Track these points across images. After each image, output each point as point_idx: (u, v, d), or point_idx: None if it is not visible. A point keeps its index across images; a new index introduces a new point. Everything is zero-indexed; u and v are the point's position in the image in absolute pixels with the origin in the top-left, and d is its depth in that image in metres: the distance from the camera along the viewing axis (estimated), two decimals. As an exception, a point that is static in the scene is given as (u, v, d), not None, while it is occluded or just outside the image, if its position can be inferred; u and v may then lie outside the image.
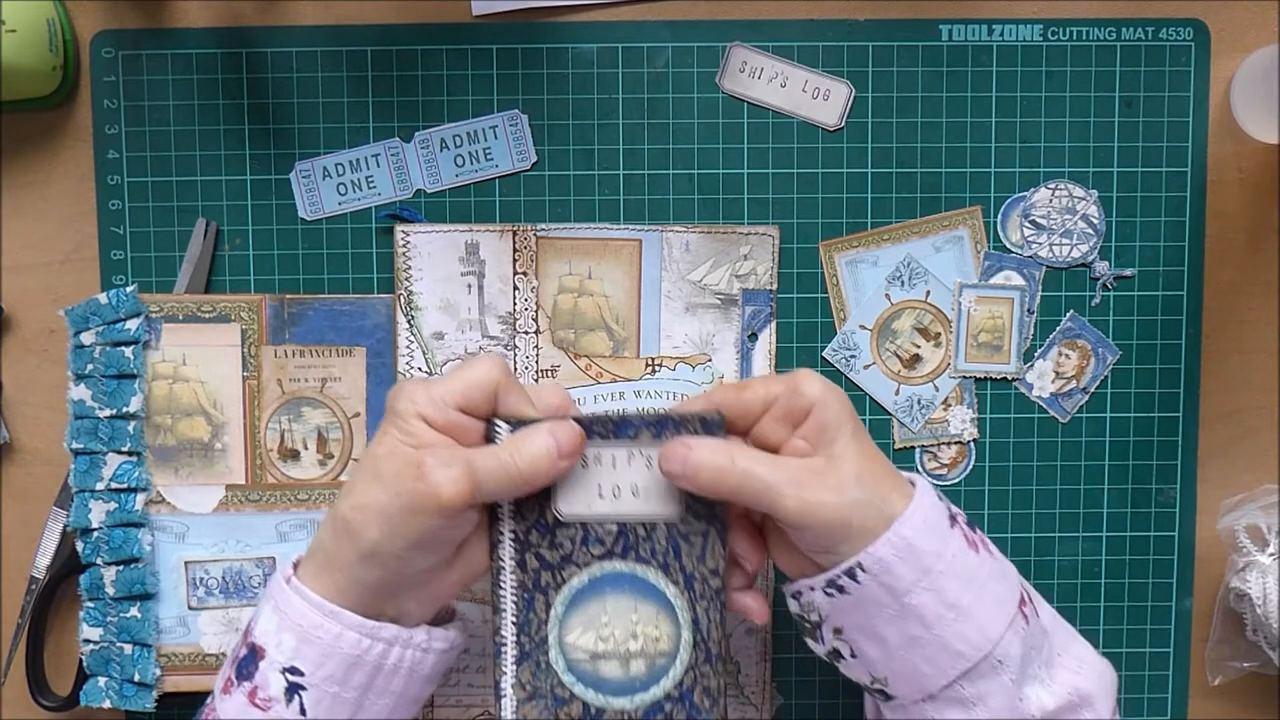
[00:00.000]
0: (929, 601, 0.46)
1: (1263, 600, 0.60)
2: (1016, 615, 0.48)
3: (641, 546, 0.50)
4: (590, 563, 0.50)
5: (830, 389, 0.49)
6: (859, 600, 0.47)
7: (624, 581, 0.50)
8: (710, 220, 0.62)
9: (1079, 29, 0.62)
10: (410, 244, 0.61)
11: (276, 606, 0.48)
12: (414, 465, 0.46)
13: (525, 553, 0.50)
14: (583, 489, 0.50)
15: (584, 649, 0.50)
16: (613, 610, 0.50)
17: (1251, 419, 0.64)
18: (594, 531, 0.50)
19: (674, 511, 0.50)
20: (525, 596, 0.50)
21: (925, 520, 0.47)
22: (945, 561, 0.46)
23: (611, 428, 0.50)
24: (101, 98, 0.61)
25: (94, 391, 0.60)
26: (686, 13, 0.62)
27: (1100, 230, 0.63)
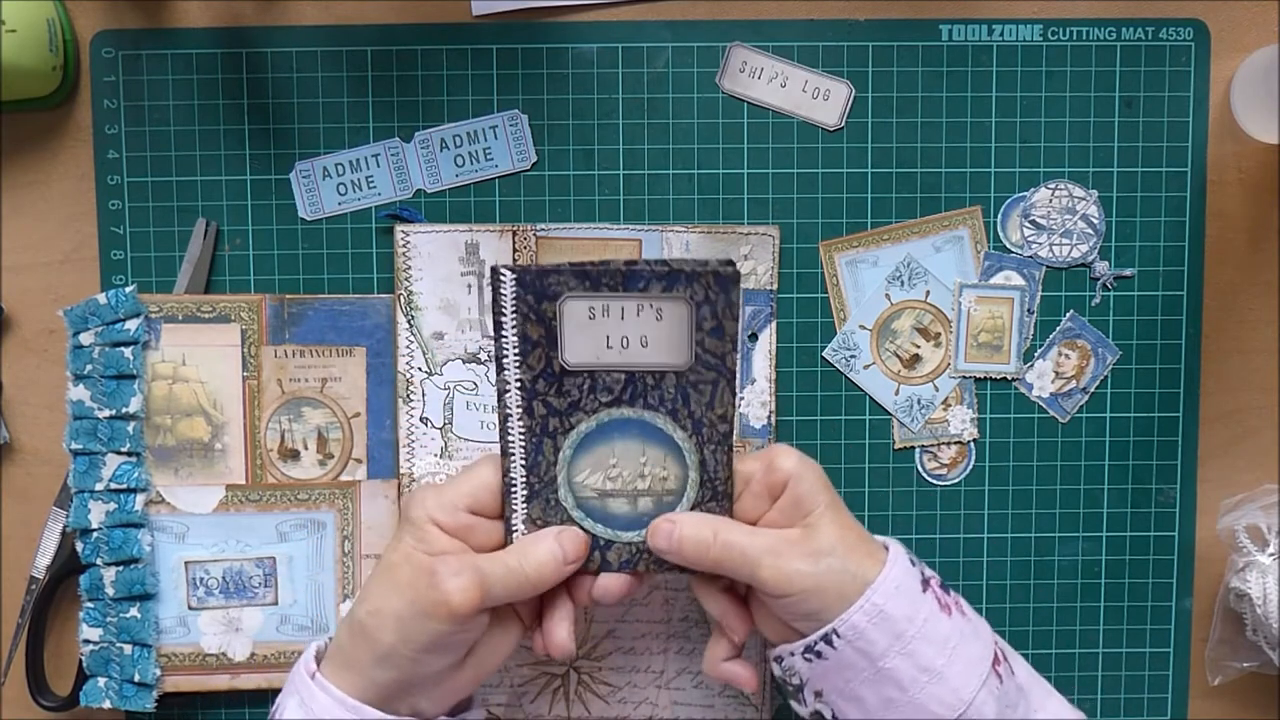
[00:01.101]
0: (903, 665, 0.48)
1: (1263, 600, 0.60)
2: (990, 675, 0.50)
3: (650, 394, 0.51)
4: (598, 409, 0.51)
5: (805, 463, 0.51)
6: (836, 665, 0.49)
7: (632, 426, 0.51)
8: (710, 220, 0.62)
9: (1079, 29, 0.62)
10: (410, 244, 0.61)
11: (302, 701, 0.50)
12: (427, 573, 0.48)
13: (532, 400, 0.50)
14: (590, 339, 0.50)
15: (592, 488, 0.51)
16: (621, 453, 0.51)
17: (1251, 419, 0.64)
18: (602, 380, 0.50)
19: (683, 361, 0.50)
20: (533, 441, 0.51)
21: (898, 587, 0.49)
22: (918, 626, 0.49)
23: (621, 280, 0.49)
24: (101, 98, 0.61)
25: (93, 392, 0.60)
26: (686, 13, 0.62)
27: (1100, 230, 0.63)
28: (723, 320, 0.49)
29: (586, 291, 0.49)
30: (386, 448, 0.62)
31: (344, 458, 0.62)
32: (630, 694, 0.62)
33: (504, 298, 0.49)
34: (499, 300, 0.49)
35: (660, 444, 0.51)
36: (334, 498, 0.62)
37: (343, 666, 0.50)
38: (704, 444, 0.51)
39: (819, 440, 0.63)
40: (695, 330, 0.49)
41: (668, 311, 0.49)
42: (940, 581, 0.52)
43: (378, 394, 0.62)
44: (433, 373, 0.61)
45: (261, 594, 0.62)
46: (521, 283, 0.49)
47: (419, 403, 0.61)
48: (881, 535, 0.53)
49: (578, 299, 0.49)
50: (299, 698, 0.50)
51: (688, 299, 0.49)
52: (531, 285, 0.49)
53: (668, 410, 0.51)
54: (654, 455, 0.51)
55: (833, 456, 0.63)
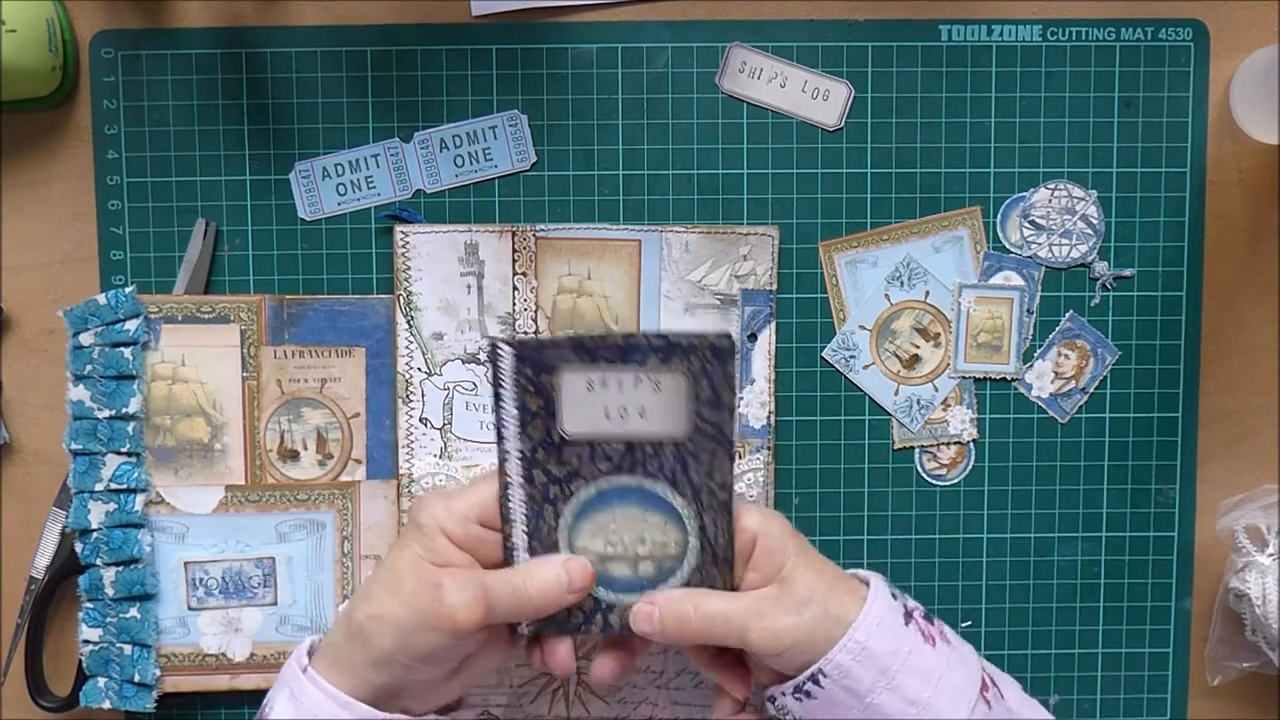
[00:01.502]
0: (891, 700, 0.49)
1: (1262, 600, 0.60)
2: (978, 701, 0.50)
3: (649, 462, 0.51)
4: (598, 477, 0.51)
5: (768, 517, 0.52)
6: (825, 703, 0.49)
7: (632, 494, 0.51)
8: (710, 220, 0.62)
9: (1079, 29, 0.62)
10: (410, 244, 0.61)
11: (293, 695, 0.50)
12: (433, 585, 0.48)
13: (532, 469, 0.51)
14: (589, 410, 0.50)
15: (594, 552, 0.52)
16: (621, 519, 0.51)
17: (1251, 419, 0.64)
18: (601, 449, 0.51)
19: (682, 431, 0.50)
20: (534, 508, 0.51)
21: (879, 623, 0.49)
22: (902, 659, 0.49)
23: (618, 353, 0.50)
24: (101, 98, 0.61)
25: (93, 392, 0.60)
26: (686, 13, 0.62)
27: (1100, 230, 0.63)
28: (719, 391, 0.50)
29: (584, 364, 0.50)
30: (386, 448, 0.62)
31: (343, 458, 0.62)
32: (630, 694, 0.62)
33: (503, 371, 0.50)
34: (498, 373, 0.50)
35: (660, 511, 0.52)
36: (333, 498, 0.62)
37: (335, 665, 0.50)
38: (704, 510, 0.51)
39: (819, 440, 0.63)
40: (693, 401, 0.50)
41: (665, 383, 0.50)
42: (924, 612, 0.52)
43: (377, 394, 0.62)
44: (432, 373, 0.61)
45: (261, 594, 0.62)
46: (520, 356, 0.50)
47: (418, 403, 0.61)
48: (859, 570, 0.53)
49: (576, 371, 0.50)
50: (289, 691, 0.50)
51: (684, 371, 0.49)
52: (530, 358, 0.50)
53: (667, 478, 0.51)
54: (654, 522, 0.52)
55: (833, 456, 0.63)
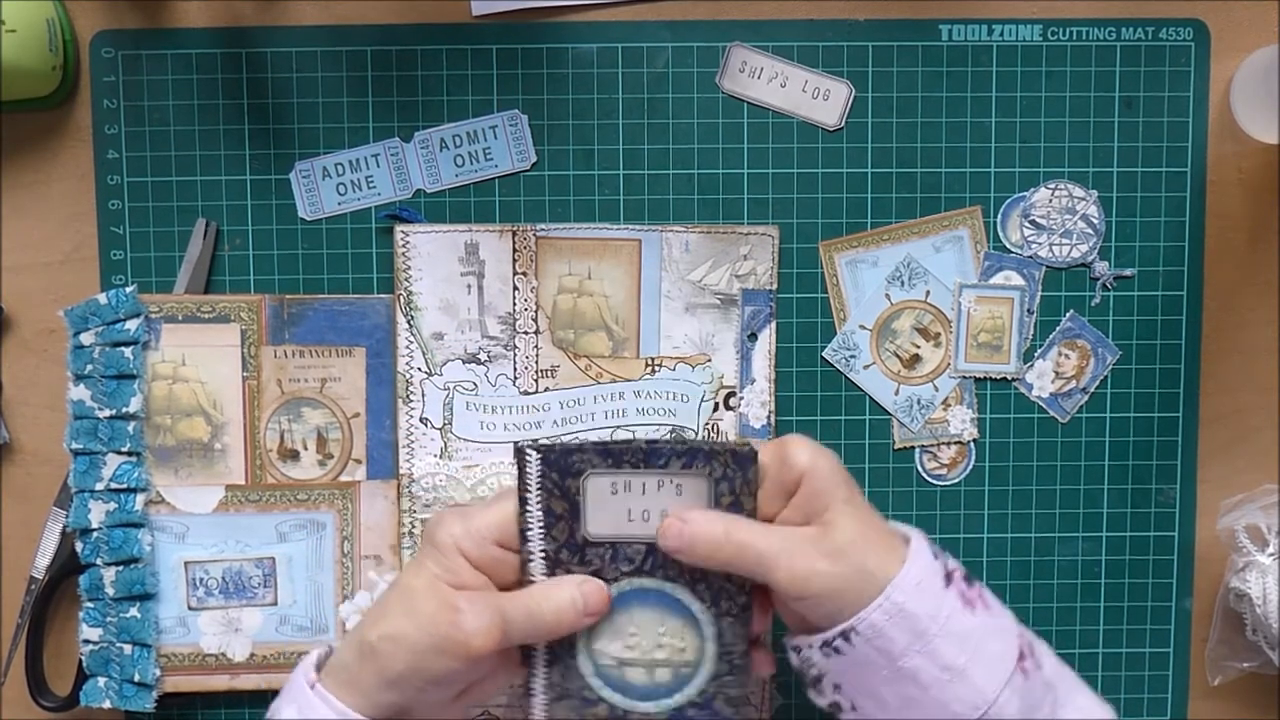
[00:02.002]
0: (924, 665, 0.47)
1: (1263, 600, 0.60)
2: (1015, 671, 0.48)
3: (670, 566, 0.51)
4: (619, 578, 0.51)
5: (820, 454, 0.49)
6: (854, 662, 0.48)
7: (651, 596, 0.52)
8: (710, 220, 0.62)
9: (1079, 29, 0.62)
10: (410, 244, 0.61)
11: (300, 710, 0.49)
12: (450, 608, 0.48)
13: (555, 569, 0.51)
14: (612, 512, 0.51)
15: (611, 655, 0.52)
16: (640, 622, 0.52)
17: (1251, 419, 0.64)
18: (623, 550, 0.51)
19: None
20: None
21: (919, 584, 0.47)
22: (939, 624, 0.47)
23: (642, 457, 0.50)
24: (101, 98, 0.61)
25: (93, 392, 0.60)
26: (686, 13, 0.62)
27: (1100, 230, 0.63)
28: (740, 496, 0.50)
29: (609, 468, 0.51)
30: (386, 448, 0.62)
31: (343, 458, 0.62)
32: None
33: (529, 475, 0.50)
34: (524, 478, 0.51)
35: (679, 615, 0.52)
36: (333, 498, 0.62)
37: (345, 684, 0.49)
38: (721, 616, 0.51)
39: (819, 440, 0.63)
40: (714, 505, 0.50)
41: (687, 487, 0.50)
42: (964, 573, 0.50)
43: (377, 394, 0.62)
44: (432, 373, 0.61)
45: (261, 594, 0.62)
46: (546, 461, 0.50)
47: (419, 403, 0.61)
48: (903, 525, 0.52)
49: (600, 475, 0.51)
50: (296, 705, 0.50)
51: (707, 475, 0.50)
52: (556, 463, 0.50)
53: (687, 582, 0.51)
54: (672, 626, 0.52)
55: (833, 456, 0.63)
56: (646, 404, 0.62)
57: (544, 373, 0.62)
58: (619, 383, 0.62)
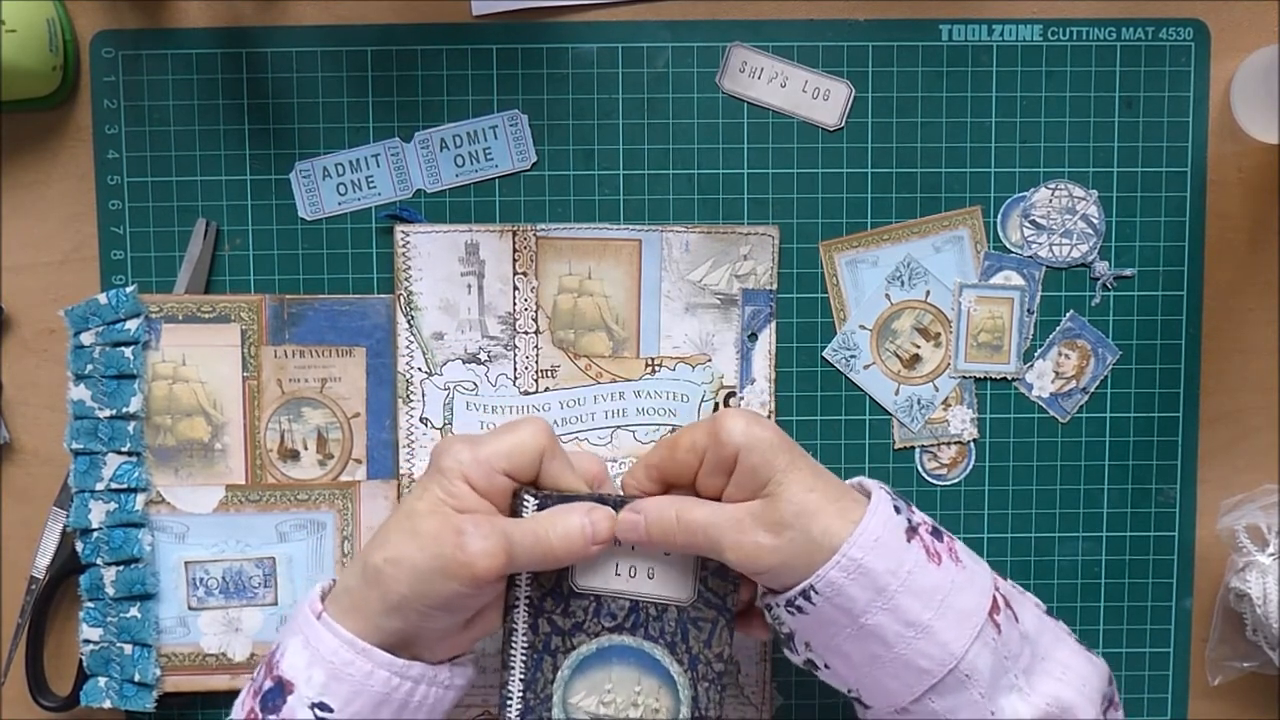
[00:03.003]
0: (886, 621, 0.46)
1: (1263, 600, 0.60)
2: (985, 625, 0.47)
3: (651, 625, 0.52)
4: (600, 633, 0.52)
5: (754, 425, 0.48)
6: (818, 620, 0.47)
7: (630, 654, 0.52)
8: (710, 220, 0.62)
9: (1079, 29, 0.62)
10: (410, 244, 0.61)
11: (307, 641, 0.48)
12: (454, 531, 0.47)
13: (539, 617, 0.52)
14: (601, 566, 0.52)
15: (586, 710, 0.52)
16: (617, 679, 0.52)
17: (1251, 419, 0.64)
18: (607, 605, 0.52)
19: (686, 596, 0.52)
20: (534, 657, 0.52)
21: (877, 540, 0.47)
22: (901, 579, 0.46)
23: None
24: (101, 98, 0.61)
25: (94, 392, 0.60)
26: (686, 13, 0.62)
27: (1100, 230, 0.63)
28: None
29: None
30: (386, 448, 0.62)
31: (344, 458, 0.62)
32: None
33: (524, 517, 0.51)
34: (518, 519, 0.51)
35: (656, 675, 0.52)
36: (334, 498, 0.62)
37: (349, 610, 0.48)
38: (698, 680, 0.52)
39: (819, 440, 0.63)
40: (700, 568, 0.52)
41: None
42: (931, 527, 0.49)
43: (377, 394, 0.62)
44: (432, 373, 0.61)
45: (261, 594, 0.62)
46: (542, 507, 0.51)
47: (419, 403, 0.61)
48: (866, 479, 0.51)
49: None
50: (303, 638, 0.49)
51: None
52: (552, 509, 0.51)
53: (666, 643, 0.52)
54: (649, 686, 0.52)
55: (833, 456, 0.63)
56: (646, 404, 0.62)
57: (544, 373, 0.62)
58: (619, 383, 0.62)
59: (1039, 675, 0.49)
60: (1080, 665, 0.50)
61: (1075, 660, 0.50)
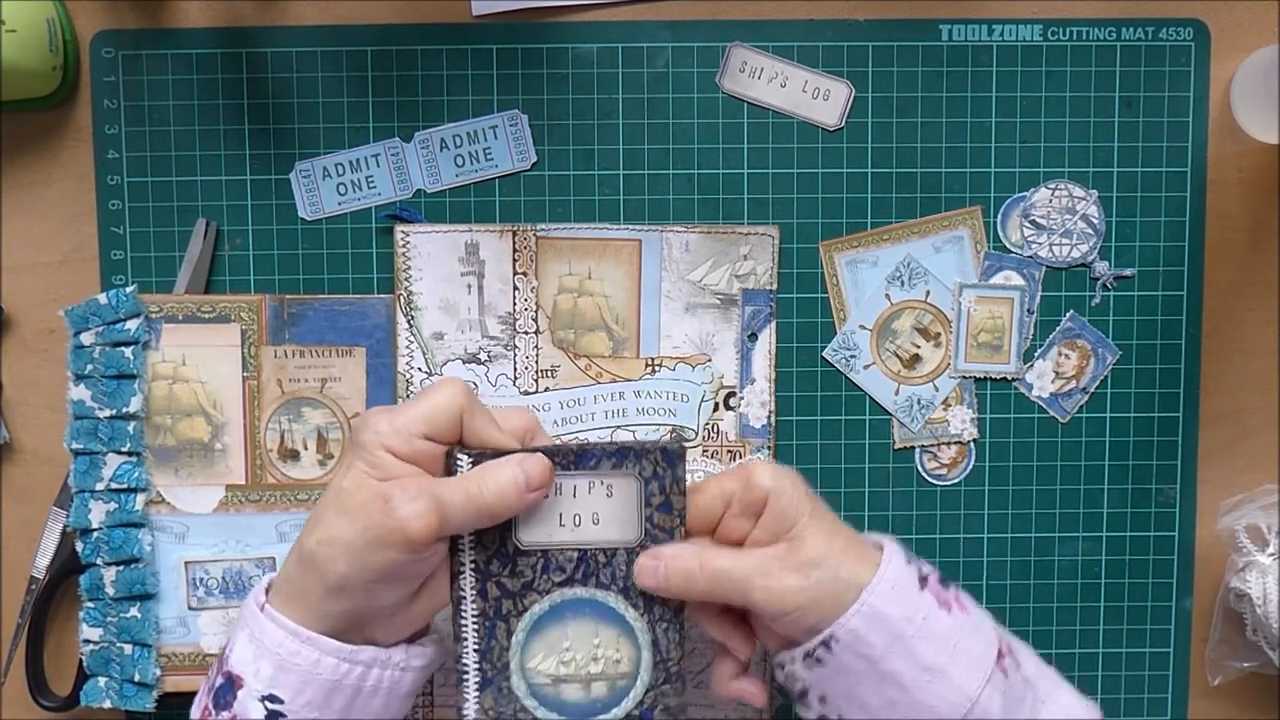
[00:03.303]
0: (904, 667, 0.47)
1: (1263, 600, 0.60)
2: (994, 670, 0.48)
3: (602, 572, 0.51)
4: (551, 589, 0.51)
5: (782, 475, 0.50)
6: (836, 670, 0.48)
7: (585, 607, 0.51)
8: (710, 220, 0.62)
9: (1079, 29, 0.62)
10: (410, 244, 0.61)
11: (252, 635, 0.48)
12: (381, 499, 0.46)
13: (486, 581, 0.51)
14: (544, 518, 0.51)
15: (546, 673, 0.51)
16: (574, 635, 0.51)
17: (1251, 419, 0.64)
18: (555, 559, 0.51)
19: (633, 537, 0.51)
20: (486, 625, 0.51)
21: (893, 587, 0.48)
22: (916, 625, 0.47)
23: (572, 459, 0.50)
24: (101, 98, 0.61)
25: (94, 392, 0.60)
26: (686, 13, 0.62)
27: (1100, 230, 0.63)
28: (670, 495, 0.51)
29: None
30: (386, 448, 0.62)
31: (344, 458, 0.62)
32: (630, 694, 0.62)
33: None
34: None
35: (613, 624, 0.51)
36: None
37: (292, 598, 0.47)
38: (655, 623, 0.51)
39: (819, 440, 0.63)
40: (644, 506, 0.51)
41: (617, 488, 0.51)
42: (940, 577, 0.51)
43: (378, 394, 0.62)
44: (432, 373, 0.61)
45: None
46: (477, 464, 0.49)
47: (419, 403, 0.61)
48: (876, 534, 0.52)
49: None
50: (248, 631, 0.48)
51: (636, 475, 0.51)
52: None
53: (619, 588, 0.51)
54: (607, 636, 0.51)
55: (833, 456, 0.63)
56: (646, 404, 0.62)
57: (544, 373, 0.62)
58: (619, 383, 0.62)
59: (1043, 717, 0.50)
60: (1079, 708, 0.51)
61: (1074, 702, 0.51)
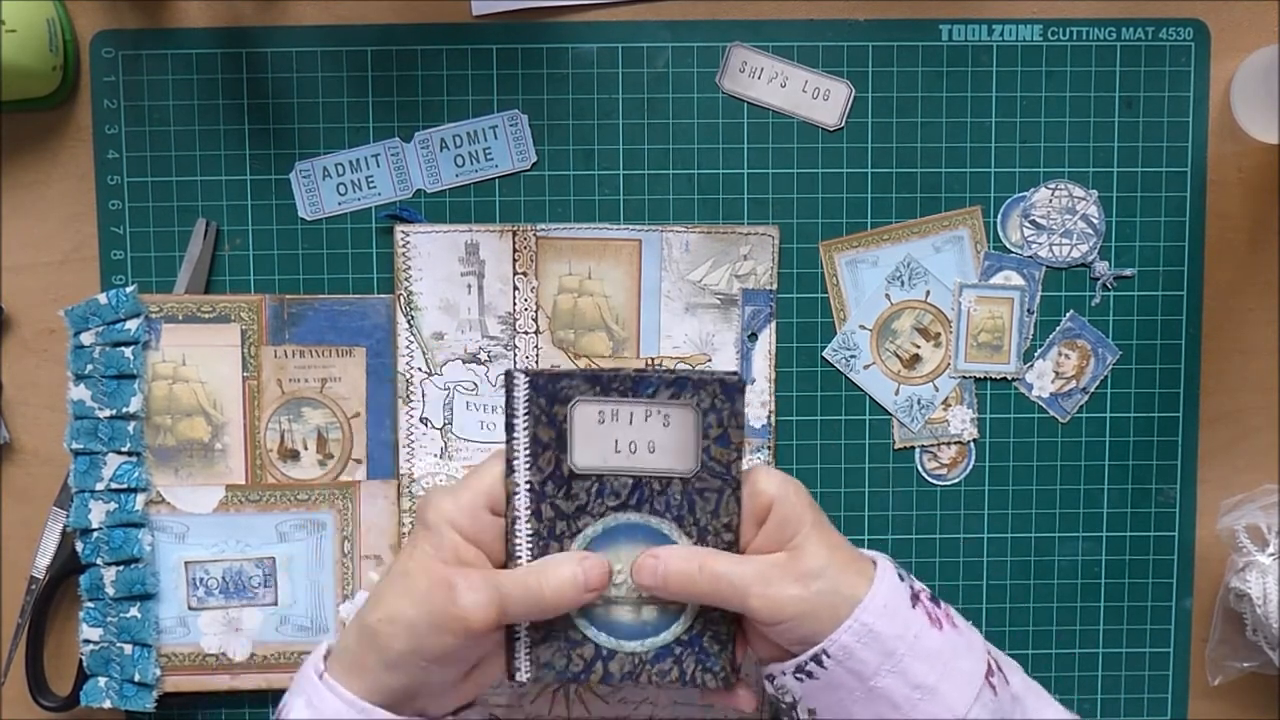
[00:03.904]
0: (895, 684, 0.47)
1: (1263, 600, 0.60)
2: (984, 687, 0.49)
3: (656, 500, 0.51)
4: (605, 513, 0.51)
5: (787, 483, 0.50)
6: (827, 685, 0.48)
7: (638, 531, 0.51)
8: (710, 220, 0.62)
9: (1079, 29, 0.62)
10: (410, 244, 0.61)
11: (309, 701, 0.49)
12: (445, 586, 0.47)
13: (540, 503, 0.51)
14: (599, 443, 0.51)
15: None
16: (626, 559, 0.51)
17: (1251, 419, 0.64)
18: (609, 484, 0.51)
19: (689, 468, 0.51)
20: (540, 544, 0.51)
21: (886, 605, 0.48)
22: (908, 643, 0.48)
23: (630, 385, 0.50)
24: (101, 98, 0.61)
25: (94, 392, 0.60)
26: (686, 13, 0.62)
27: (1100, 230, 0.63)
28: (728, 428, 0.50)
29: (597, 396, 0.50)
30: (386, 448, 0.62)
31: (344, 458, 0.62)
32: (631, 693, 0.62)
33: (516, 400, 0.50)
34: (512, 402, 0.50)
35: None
36: (334, 498, 0.62)
37: (350, 669, 0.49)
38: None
39: (819, 440, 0.63)
40: (702, 437, 0.50)
41: (675, 418, 0.50)
42: (930, 594, 0.51)
43: (377, 394, 0.62)
44: (432, 373, 0.61)
45: (261, 594, 0.62)
46: (534, 385, 0.50)
47: (419, 403, 0.61)
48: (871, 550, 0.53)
49: (588, 403, 0.50)
50: (306, 698, 0.49)
51: (695, 406, 0.50)
52: (544, 388, 0.50)
53: (673, 516, 0.51)
54: None
55: (833, 456, 0.63)
56: (646, 404, 0.62)
57: (544, 373, 0.62)
58: (619, 383, 0.62)
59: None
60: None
61: (1061, 716, 0.52)
